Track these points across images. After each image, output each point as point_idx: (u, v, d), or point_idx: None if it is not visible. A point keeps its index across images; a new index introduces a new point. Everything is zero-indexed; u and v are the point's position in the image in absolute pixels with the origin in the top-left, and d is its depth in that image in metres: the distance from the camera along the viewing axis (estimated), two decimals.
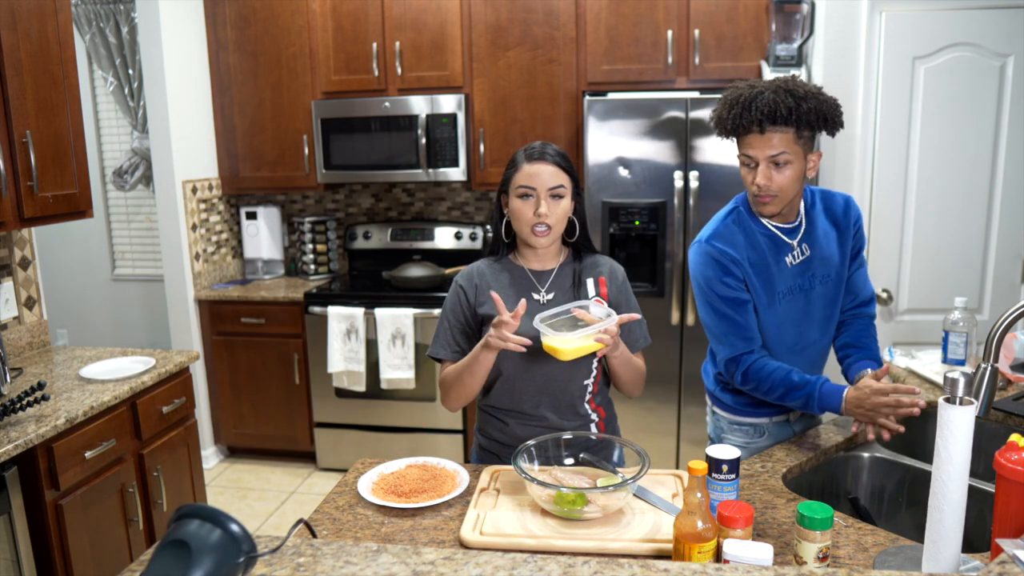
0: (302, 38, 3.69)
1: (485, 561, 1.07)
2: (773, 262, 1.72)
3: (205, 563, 0.93)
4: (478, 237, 3.93)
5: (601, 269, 1.73)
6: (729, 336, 1.72)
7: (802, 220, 1.75)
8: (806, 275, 1.74)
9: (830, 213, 1.79)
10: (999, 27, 3.00)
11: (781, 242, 1.73)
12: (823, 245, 1.75)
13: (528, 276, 1.71)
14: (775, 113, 1.57)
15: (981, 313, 3.20)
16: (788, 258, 1.72)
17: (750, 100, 1.60)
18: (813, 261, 1.74)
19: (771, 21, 3.26)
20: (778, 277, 1.72)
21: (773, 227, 1.73)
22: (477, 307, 1.69)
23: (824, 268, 1.75)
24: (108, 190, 4.74)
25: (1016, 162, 3.08)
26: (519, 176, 1.63)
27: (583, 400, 1.71)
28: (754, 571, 1.05)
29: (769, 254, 1.72)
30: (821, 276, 1.75)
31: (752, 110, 1.59)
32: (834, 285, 1.78)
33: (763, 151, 1.61)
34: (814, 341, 1.80)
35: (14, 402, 2.00)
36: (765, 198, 1.65)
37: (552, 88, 3.52)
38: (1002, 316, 1.31)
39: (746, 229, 1.73)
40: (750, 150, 1.63)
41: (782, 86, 1.59)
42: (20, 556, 2.00)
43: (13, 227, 2.30)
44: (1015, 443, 1.08)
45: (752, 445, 1.85)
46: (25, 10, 2.29)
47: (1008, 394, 2.01)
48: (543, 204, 1.60)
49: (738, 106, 1.62)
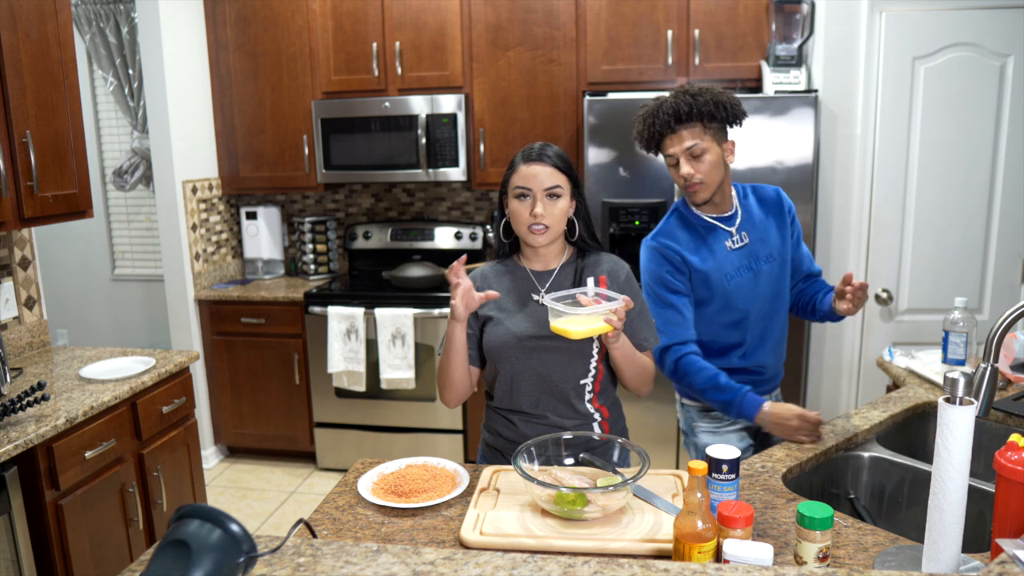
0: (302, 38, 3.69)
1: (485, 561, 1.07)
2: (718, 248, 1.91)
3: (205, 563, 0.93)
4: (478, 237, 3.93)
5: (602, 267, 1.73)
6: (668, 326, 1.88)
7: (737, 210, 1.95)
8: (750, 257, 1.93)
9: (763, 202, 2.00)
10: (999, 27, 3.00)
11: (721, 230, 1.93)
12: (761, 229, 1.96)
13: (529, 277, 1.72)
14: (678, 112, 1.79)
15: (981, 313, 3.20)
16: (728, 243, 1.92)
17: (656, 109, 1.83)
18: (754, 244, 1.94)
19: (771, 21, 3.26)
20: (725, 260, 1.91)
21: (711, 218, 1.92)
22: (480, 308, 1.70)
23: (766, 249, 1.95)
24: (108, 190, 4.74)
25: (1016, 162, 3.08)
26: (516, 177, 1.66)
27: (582, 399, 1.71)
28: (754, 571, 1.05)
29: (712, 241, 1.92)
30: (764, 256, 1.95)
31: (660, 115, 1.82)
32: (779, 264, 1.97)
33: (679, 147, 1.82)
34: (769, 313, 1.98)
35: (14, 402, 2.00)
36: (694, 187, 1.84)
37: (552, 88, 3.52)
38: (1002, 316, 1.31)
39: (688, 224, 1.93)
40: (668, 150, 1.85)
41: (680, 90, 1.82)
42: (20, 556, 2.00)
43: (13, 227, 2.30)
44: (1015, 443, 1.08)
45: (723, 430, 2.00)
46: (25, 10, 2.29)
47: (1008, 394, 2.01)
48: (539, 204, 1.62)
49: (649, 118, 1.84)
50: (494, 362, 1.71)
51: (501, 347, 1.67)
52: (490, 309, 1.70)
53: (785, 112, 3.02)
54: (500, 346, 1.67)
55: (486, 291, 1.62)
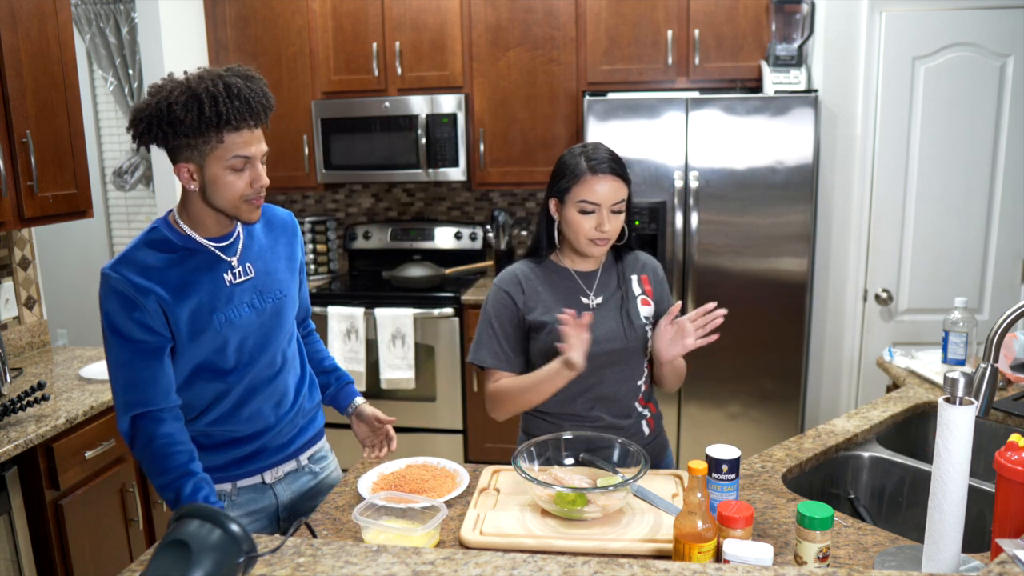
0: (302, 38, 3.69)
1: (485, 561, 1.07)
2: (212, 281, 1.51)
3: (205, 563, 0.93)
4: (478, 237, 3.93)
5: (643, 266, 1.73)
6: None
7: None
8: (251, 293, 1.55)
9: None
10: (999, 27, 3.00)
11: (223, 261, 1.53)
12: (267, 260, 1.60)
13: (575, 279, 1.68)
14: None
15: (981, 313, 3.20)
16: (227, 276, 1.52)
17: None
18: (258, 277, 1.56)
19: (771, 21, 3.26)
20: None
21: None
22: (526, 313, 1.65)
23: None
24: (108, 190, 4.74)
25: (1016, 162, 3.08)
26: (581, 189, 1.57)
27: (636, 399, 1.70)
28: (754, 571, 1.05)
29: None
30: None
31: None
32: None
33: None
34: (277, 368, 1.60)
35: (14, 402, 2.00)
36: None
37: (552, 88, 3.52)
38: (1002, 316, 1.31)
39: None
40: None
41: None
42: (20, 556, 2.00)
43: (13, 227, 2.30)
44: (1015, 443, 1.08)
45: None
46: (25, 10, 2.29)
47: (1008, 394, 2.01)
48: (605, 221, 1.57)
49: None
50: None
51: (559, 355, 1.62)
52: (540, 315, 1.64)
53: (785, 112, 3.02)
54: (558, 353, 1.60)
55: (579, 320, 1.50)
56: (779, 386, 3.22)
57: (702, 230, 3.14)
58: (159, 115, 1.37)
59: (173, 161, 1.44)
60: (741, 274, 3.15)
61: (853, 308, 3.32)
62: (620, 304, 1.67)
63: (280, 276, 1.59)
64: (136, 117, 1.40)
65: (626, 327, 1.65)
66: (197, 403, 1.53)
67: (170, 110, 1.36)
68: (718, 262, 3.17)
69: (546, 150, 3.58)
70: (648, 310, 1.69)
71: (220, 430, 1.56)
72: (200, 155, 1.40)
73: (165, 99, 1.37)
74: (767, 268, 3.14)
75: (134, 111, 1.41)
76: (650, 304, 1.70)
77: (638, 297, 1.69)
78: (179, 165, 1.43)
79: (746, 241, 3.12)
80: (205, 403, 1.53)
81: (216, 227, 1.50)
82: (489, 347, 1.67)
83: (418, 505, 1.38)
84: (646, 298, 1.70)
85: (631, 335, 1.66)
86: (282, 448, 1.63)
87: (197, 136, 1.38)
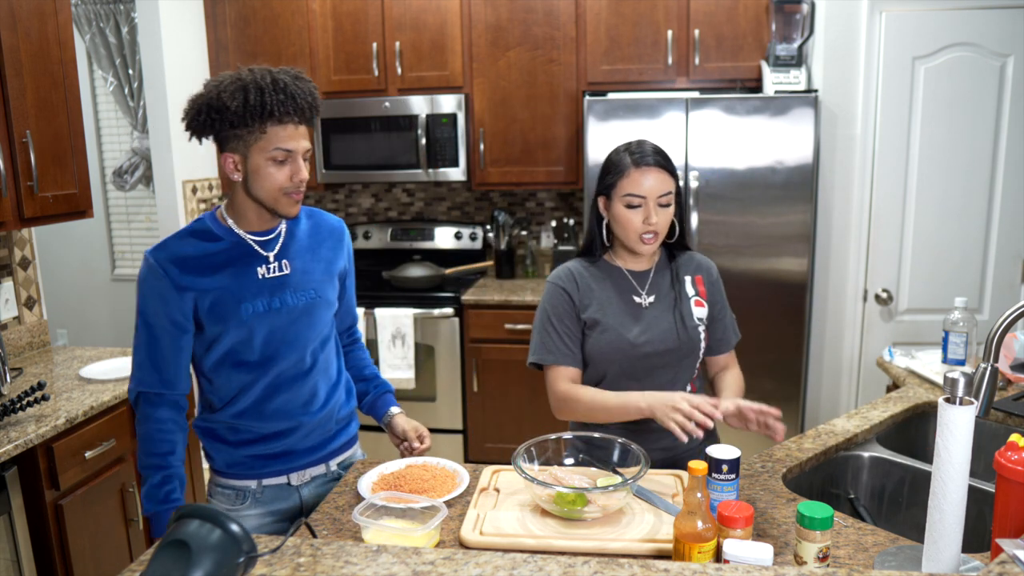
0: (302, 38, 3.69)
1: (485, 561, 1.07)
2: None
3: (205, 563, 0.93)
4: (478, 237, 3.93)
5: (697, 266, 1.71)
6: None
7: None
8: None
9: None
10: (999, 27, 3.00)
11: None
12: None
13: (628, 278, 1.67)
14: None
15: (981, 313, 3.20)
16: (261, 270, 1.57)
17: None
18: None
19: (771, 21, 3.26)
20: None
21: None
22: (582, 311, 1.65)
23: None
24: (108, 190, 4.74)
25: (1016, 162, 3.08)
26: (626, 183, 1.57)
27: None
28: (754, 571, 1.05)
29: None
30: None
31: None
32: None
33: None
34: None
35: (14, 402, 2.00)
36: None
37: (552, 88, 3.52)
38: (1002, 316, 1.31)
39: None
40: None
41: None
42: (20, 556, 2.00)
43: (13, 227, 2.30)
44: (1015, 443, 1.08)
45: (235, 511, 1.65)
46: (25, 10, 2.29)
47: (1008, 394, 2.01)
48: (652, 214, 1.56)
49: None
50: (601, 368, 1.66)
51: (613, 353, 1.63)
52: (593, 312, 1.64)
53: (785, 112, 3.02)
54: (612, 351, 1.63)
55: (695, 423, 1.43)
56: (779, 386, 3.22)
57: (702, 230, 3.14)
58: (209, 101, 1.45)
59: (220, 150, 1.51)
60: (741, 274, 3.14)
61: (853, 308, 3.32)
62: (673, 305, 1.65)
63: (316, 277, 1.62)
64: (190, 105, 1.48)
65: (679, 328, 1.63)
66: (222, 392, 1.58)
67: (219, 97, 1.43)
68: (718, 262, 3.09)
69: (546, 150, 3.59)
70: (702, 311, 1.67)
71: (245, 424, 1.59)
72: (245, 145, 1.47)
73: (216, 87, 1.45)
74: (767, 268, 3.14)
75: (189, 100, 1.49)
76: (704, 305, 1.68)
77: (692, 298, 1.67)
78: (225, 155, 1.50)
79: (746, 241, 3.12)
80: (230, 394, 1.58)
81: (258, 221, 1.56)
82: (553, 345, 1.65)
83: (418, 505, 1.38)
84: (700, 299, 1.68)
85: (683, 336, 1.64)
86: (311, 451, 1.65)
87: (242, 126, 1.44)
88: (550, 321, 1.66)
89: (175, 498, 1.52)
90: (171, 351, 1.53)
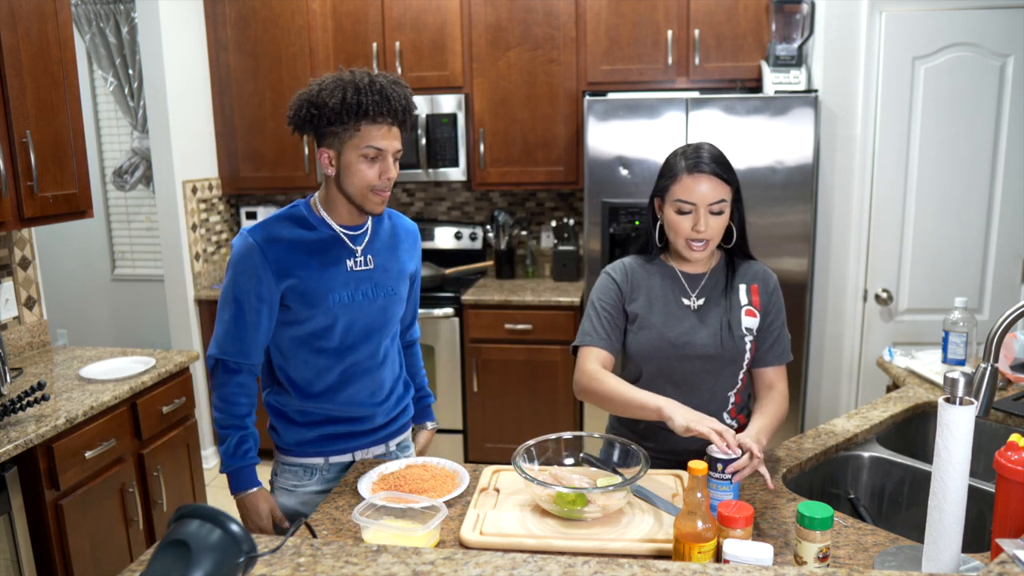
0: (302, 38, 3.69)
1: (485, 561, 1.07)
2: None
3: (205, 563, 0.93)
4: (478, 237, 3.93)
5: (754, 275, 1.67)
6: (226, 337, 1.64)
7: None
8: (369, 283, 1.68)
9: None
10: (999, 27, 3.00)
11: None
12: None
13: (680, 280, 1.65)
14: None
15: (981, 313, 3.20)
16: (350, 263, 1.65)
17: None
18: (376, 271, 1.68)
19: (771, 21, 3.26)
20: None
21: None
22: (628, 302, 1.65)
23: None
24: (108, 190, 4.74)
25: (1016, 162, 3.08)
26: (678, 188, 1.55)
27: (725, 409, 1.66)
28: (754, 571, 1.05)
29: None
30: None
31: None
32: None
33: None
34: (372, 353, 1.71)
35: (14, 402, 2.00)
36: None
37: (552, 88, 3.52)
38: (1002, 316, 1.31)
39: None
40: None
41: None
42: (20, 556, 2.00)
43: (13, 227, 2.30)
44: (1015, 443, 1.08)
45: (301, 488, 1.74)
46: (25, 10, 2.29)
47: (1008, 394, 2.01)
48: (702, 221, 1.53)
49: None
50: (639, 364, 1.65)
51: (651, 351, 1.61)
52: (638, 307, 1.64)
53: (785, 112, 3.02)
54: (650, 349, 1.61)
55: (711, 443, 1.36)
56: None
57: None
58: (310, 98, 1.54)
59: (318, 145, 1.59)
60: None
61: (853, 308, 3.32)
62: (723, 311, 1.62)
63: (394, 276, 1.71)
64: (294, 101, 1.57)
65: (724, 335, 1.60)
66: (298, 373, 1.67)
67: (319, 95, 1.52)
68: None
69: (546, 150, 3.59)
70: (752, 321, 1.63)
71: (318, 408, 1.69)
72: (340, 142, 1.55)
73: (318, 85, 1.55)
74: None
75: (294, 97, 1.58)
76: (755, 316, 1.63)
77: (743, 307, 1.63)
78: (321, 149, 1.58)
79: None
80: (305, 376, 1.67)
81: (348, 216, 1.64)
82: (591, 328, 1.65)
83: (418, 505, 1.38)
84: (752, 309, 1.63)
85: (728, 344, 1.60)
86: (375, 432, 1.76)
87: (339, 123, 1.52)
88: (593, 306, 1.68)
89: (252, 456, 1.65)
90: (255, 326, 1.61)
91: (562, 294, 3.45)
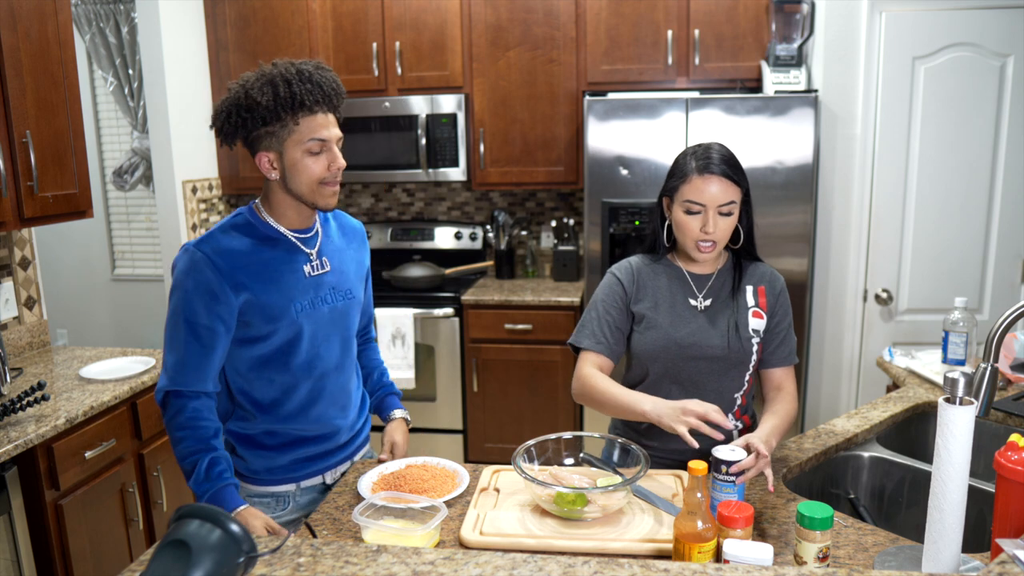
0: (302, 38, 3.69)
1: (485, 561, 1.07)
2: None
3: (205, 563, 0.93)
4: (478, 237, 3.93)
5: (761, 276, 1.67)
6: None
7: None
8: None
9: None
10: (999, 27, 3.00)
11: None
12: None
13: (687, 280, 1.65)
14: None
15: (981, 313, 3.20)
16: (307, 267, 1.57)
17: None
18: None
19: (771, 21, 3.26)
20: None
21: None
22: (634, 303, 1.64)
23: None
24: (108, 190, 4.74)
25: (1016, 162, 3.08)
26: (687, 189, 1.54)
27: (731, 410, 1.65)
28: (754, 571, 1.05)
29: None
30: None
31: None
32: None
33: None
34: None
35: (14, 402, 2.00)
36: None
37: (552, 88, 3.52)
38: (1002, 316, 1.31)
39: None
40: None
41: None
42: (20, 556, 2.00)
43: (13, 227, 2.30)
44: (1015, 443, 1.08)
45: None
46: (25, 10, 2.29)
47: (1008, 394, 2.01)
48: (711, 222, 1.53)
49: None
50: (644, 365, 1.64)
51: (658, 351, 1.61)
52: (644, 308, 1.63)
53: (785, 112, 3.02)
54: (657, 350, 1.61)
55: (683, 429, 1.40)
56: None
57: None
58: (238, 102, 1.44)
59: (253, 152, 1.49)
60: None
61: (853, 308, 3.32)
62: (730, 313, 1.62)
63: (351, 277, 1.65)
64: (217, 109, 1.47)
65: (731, 337, 1.60)
66: (262, 395, 1.56)
67: (248, 95, 1.42)
68: None
69: (546, 150, 3.59)
70: (759, 323, 1.63)
71: (287, 428, 1.59)
72: (279, 141, 1.46)
73: (243, 87, 1.44)
74: None
75: (216, 106, 1.48)
76: (762, 317, 1.63)
77: (751, 309, 1.63)
78: (259, 154, 1.48)
79: None
80: (271, 396, 1.56)
81: (297, 218, 1.55)
82: (589, 329, 1.65)
83: (418, 505, 1.38)
84: (759, 310, 1.63)
85: (735, 346, 1.60)
86: (342, 449, 1.69)
87: (275, 121, 1.44)
88: (595, 307, 1.67)
89: (228, 477, 1.46)
90: (210, 350, 1.47)
91: (562, 294, 3.45)
